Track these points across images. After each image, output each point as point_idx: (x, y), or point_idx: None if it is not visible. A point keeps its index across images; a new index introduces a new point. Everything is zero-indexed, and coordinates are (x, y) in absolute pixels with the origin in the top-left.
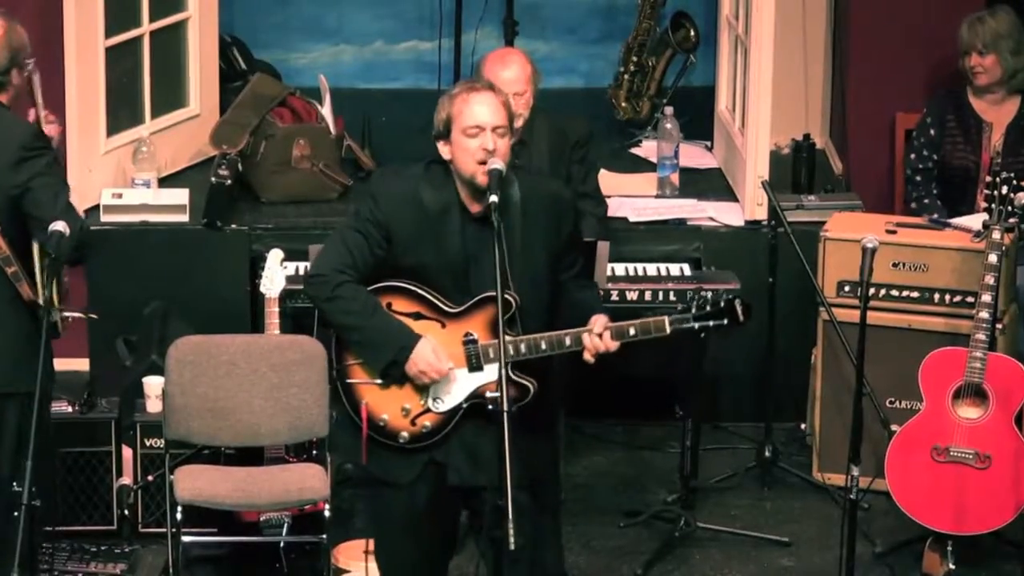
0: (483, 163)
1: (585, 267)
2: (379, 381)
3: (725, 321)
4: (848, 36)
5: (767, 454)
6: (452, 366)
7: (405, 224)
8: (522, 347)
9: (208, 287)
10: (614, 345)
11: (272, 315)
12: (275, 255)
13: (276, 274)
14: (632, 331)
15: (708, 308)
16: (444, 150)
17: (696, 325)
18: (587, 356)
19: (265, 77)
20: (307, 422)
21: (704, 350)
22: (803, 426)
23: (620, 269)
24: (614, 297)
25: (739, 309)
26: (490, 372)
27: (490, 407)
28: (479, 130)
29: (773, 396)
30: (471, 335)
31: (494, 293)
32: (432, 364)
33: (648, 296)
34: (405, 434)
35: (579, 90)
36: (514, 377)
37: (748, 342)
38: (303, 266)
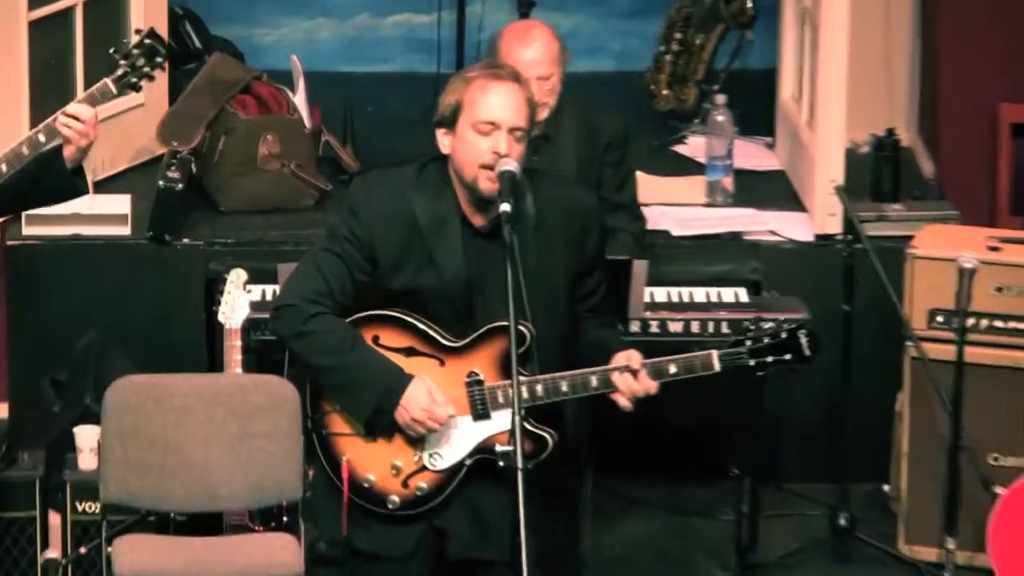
0: (488, 167)
1: (614, 294)
2: (363, 432)
3: (788, 356)
4: (940, 10)
5: (842, 522)
6: (453, 413)
7: (393, 242)
8: (538, 389)
9: (155, 315)
10: (653, 386)
11: (233, 350)
12: (237, 276)
13: (238, 300)
14: (673, 369)
15: (767, 340)
16: (444, 141)
17: (752, 362)
18: (621, 400)
19: (224, 58)
20: (275, 482)
21: (763, 394)
22: (886, 488)
23: (661, 294)
24: (653, 328)
25: (805, 342)
26: (499, 420)
27: (500, 464)
28: (492, 127)
29: (849, 451)
30: (476, 375)
31: (503, 324)
32: (427, 411)
33: (695, 327)
34: (396, 498)
35: (609, 75)
36: (528, 427)
37: (817, 384)
38: (271, 290)
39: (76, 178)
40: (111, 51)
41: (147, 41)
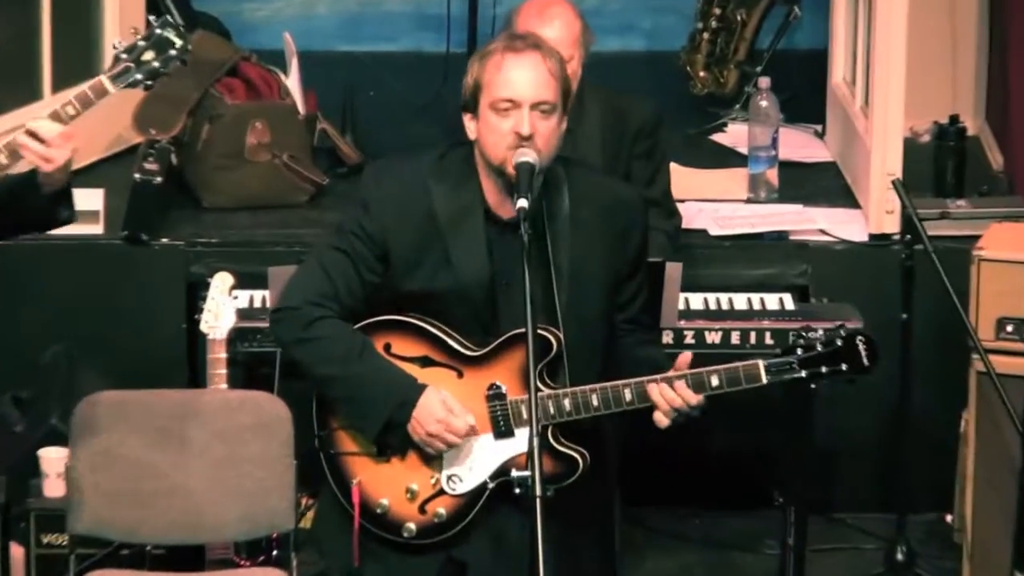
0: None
1: (649, 302)
2: (374, 452)
3: (844, 366)
4: None
5: (900, 556)
6: (472, 422)
7: (408, 238)
8: (566, 403)
9: (129, 324)
10: (695, 398)
11: (217, 363)
12: (222, 281)
13: (223, 307)
14: (716, 380)
15: (820, 349)
16: (470, 127)
17: (804, 373)
18: (660, 418)
19: (209, 36)
20: (265, 511)
21: (812, 412)
22: (949, 518)
23: (696, 301)
24: (688, 340)
25: (862, 350)
26: (523, 438)
27: (517, 489)
28: (512, 106)
29: (908, 477)
30: (497, 387)
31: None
32: (443, 422)
33: (735, 339)
34: (412, 525)
35: (639, 56)
36: (556, 446)
37: (872, 401)
38: (260, 296)
39: (56, 205)
40: (113, 45)
41: (159, 31)
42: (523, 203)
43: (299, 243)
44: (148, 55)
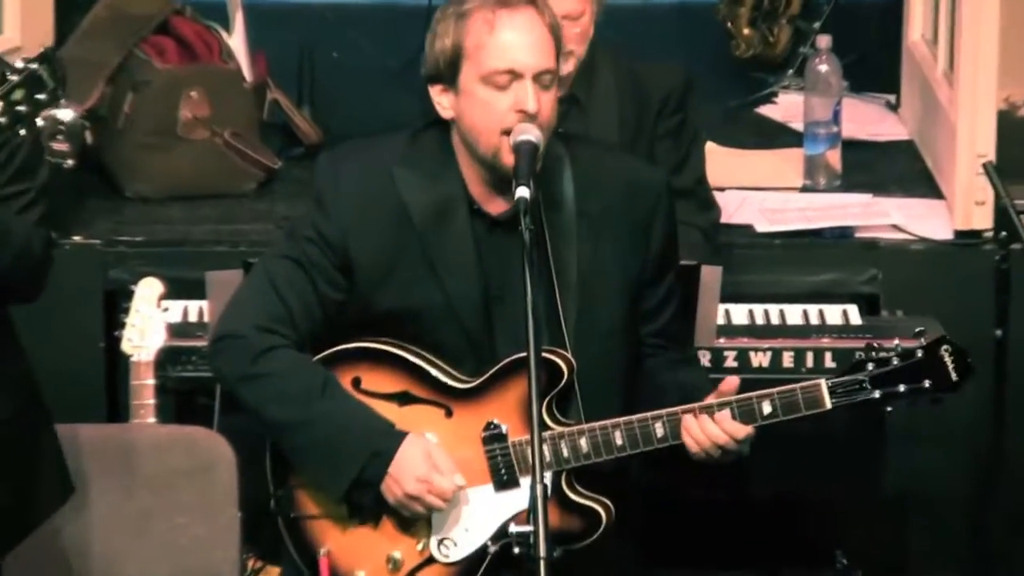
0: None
1: (682, 310)
2: (346, 514)
3: (926, 383)
4: None
5: None
6: (462, 484)
7: (375, 241)
8: (583, 443)
9: (33, 341)
10: (743, 431)
11: (143, 391)
12: (148, 289)
13: (150, 321)
14: (769, 408)
15: (897, 363)
16: (442, 102)
17: (878, 393)
18: (695, 453)
19: None
20: (203, 574)
21: (884, 451)
22: None
23: (740, 314)
24: (729, 362)
25: (949, 361)
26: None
27: (516, 549)
28: (512, 77)
29: (1001, 534)
30: (495, 427)
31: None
32: (425, 480)
33: (787, 361)
34: None
35: (668, 8)
36: (573, 496)
37: (959, 438)
38: (196, 308)
39: None
40: None
41: (33, 66)
42: (524, 192)
43: (245, 242)
44: (16, 94)
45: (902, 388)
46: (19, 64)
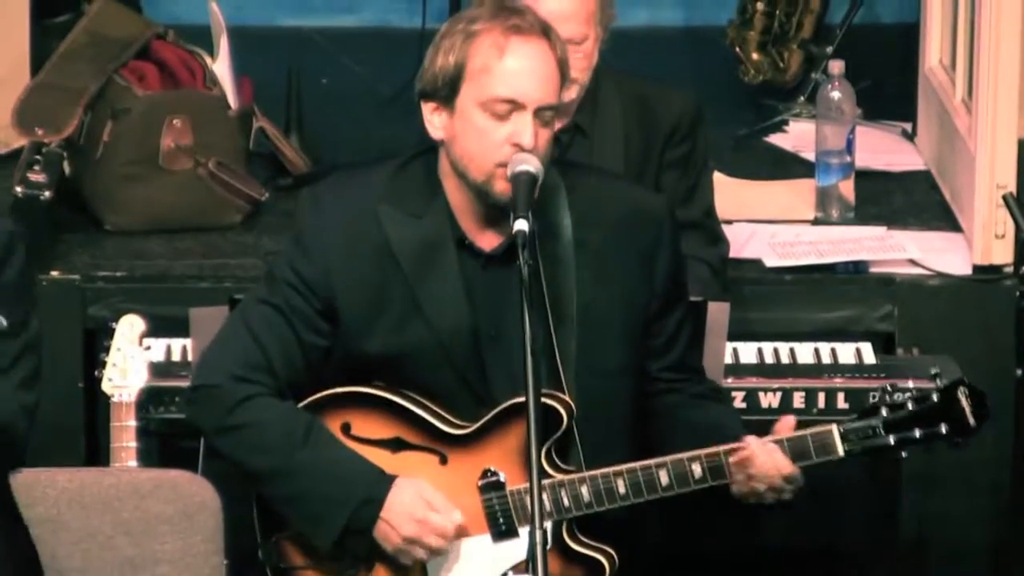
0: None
1: (699, 342)
2: (335, 565)
3: (943, 428)
4: None
5: None
6: (460, 520)
7: (360, 283)
8: (584, 492)
9: None
10: (789, 469)
11: (124, 433)
12: (129, 326)
13: (131, 360)
14: None
15: (912, 407)
16: (435, 121)
17: (891, 439)
18: (752, 492)
19: (112, 6)
20: None
21: (899, 498)
22: None
23: (748, 353)
24: (737, 402)
25: (966, 405)
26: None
27: None
28: (512, 108)
29: None
30: (493, 474)
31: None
32: (423, 521)
33: (798, 401)
34: None
35: (675, 32)
36: (574, 546)
37: (979, 483)
38: (180, 346)
39: None
40: None
41: None
42: (523, 225)
43: (230, 277)
44: None
45: (918, 433)
46: None
